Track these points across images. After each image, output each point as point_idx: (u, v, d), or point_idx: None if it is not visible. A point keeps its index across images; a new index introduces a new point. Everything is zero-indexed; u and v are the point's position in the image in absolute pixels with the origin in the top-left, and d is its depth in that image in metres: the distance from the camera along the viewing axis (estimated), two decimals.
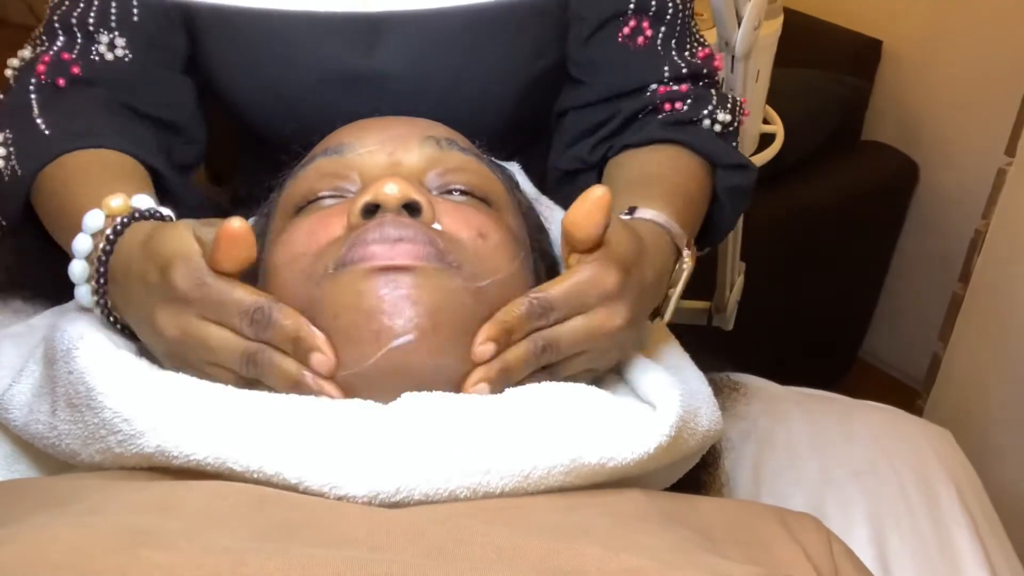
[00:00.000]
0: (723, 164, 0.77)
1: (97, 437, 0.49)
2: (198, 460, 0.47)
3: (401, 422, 0.49)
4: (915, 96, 2.01)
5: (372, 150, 0.62)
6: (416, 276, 0.52)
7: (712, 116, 0.78)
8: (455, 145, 0.64)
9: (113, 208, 0.59)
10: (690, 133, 0.77)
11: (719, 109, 0.78)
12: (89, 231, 0.58)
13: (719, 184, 0.77)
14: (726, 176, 0.77)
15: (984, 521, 0.83)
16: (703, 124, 0.78)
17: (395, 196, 0.55)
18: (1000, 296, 1.43)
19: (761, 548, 0.51)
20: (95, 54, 0.75)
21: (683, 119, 0.77)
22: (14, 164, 0.69)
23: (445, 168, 0.62)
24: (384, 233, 0.53)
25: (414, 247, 0.53)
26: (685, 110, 0.78)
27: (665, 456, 0.53)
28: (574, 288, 0.54)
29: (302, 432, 0.48)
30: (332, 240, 0.55)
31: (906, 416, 0.95)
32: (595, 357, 0.56)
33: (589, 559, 0.43)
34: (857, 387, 2.03)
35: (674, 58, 0.79)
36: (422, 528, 0.44)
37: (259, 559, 0.39)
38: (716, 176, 0.77)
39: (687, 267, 0.64)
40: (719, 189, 0.77)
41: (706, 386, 0.63)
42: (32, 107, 0.71)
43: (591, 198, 0.54)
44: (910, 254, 2.11)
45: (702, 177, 0.76)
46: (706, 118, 0.78)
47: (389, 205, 0.55)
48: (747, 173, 0.78)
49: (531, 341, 0.54)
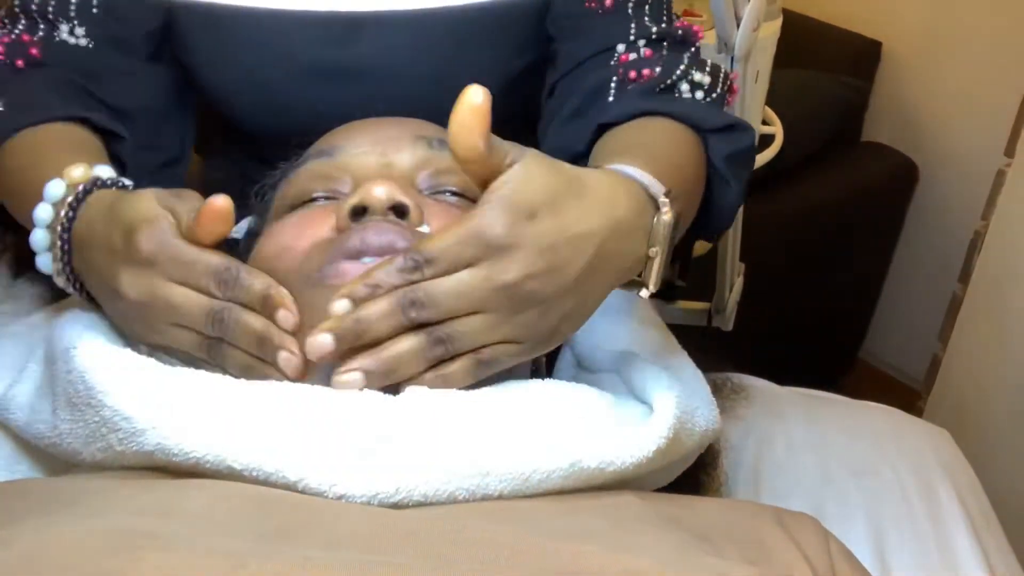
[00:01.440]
0: (710, 128, 0.69)
1: (98, 436, 0.49)
2: (197, 458, 0.47)
3: (402, 422, 0.49)
4: (915, 97, 2.01)
5: (364, 151, 0.62)
6: None
7: (687, 77, 0.72)
8: (447, 145, 0.64)
9: (74, 177, 0.58)
10: (668, 101, 0.71)
11: (694, 69, 0.72)
12: (50, 200, 0.58)
13: (714, 155, 0.70)
14: (719, 142, 0.70)
15: (983, 521, 0.83)
16: (681, 89, 0.72)
17: (382, 199, 0.55)
18: (1000, 296, 1.43)
19: (759, 548, 0.51)
20: (56, 38, 0.75)
21: (656, 86, 0.72)
22: None
23: (437, 168, 0.62)
24: (365, 241, 0.53)
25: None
26: (657, 74, 0.72)
27: (663, 458, 0.53)
28: (455, 238, 0.48)
29: (303, 431, 0.48)
30: (318, 241, 0.56)
31: (905, 416, 0.95)
32: (501, 321, 0.49)
33: (589, 561, 0.43)
34: (857, 387, 2.04)
35: (645, 21, 0.75)
36: (420, 530, 0.44)
37: (259, 561, 0.39)
38: (708, 146, 0.70)
39: (667, 218, 0.54)
40: (716, 160, 0.70)
41: (704, 385, 0.63)
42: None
43: (464, 104, 0.47)
44: (910, 255, 2.11)
45: (687, 146, 0.68)
46: (681, 80, 0.72)
47: (376, 208, 0.55)
48: (741, 134, 0.71)
49: (393, 294, 0.48)
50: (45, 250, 0.58)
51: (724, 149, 0.70)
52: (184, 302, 0.52)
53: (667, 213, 0.54)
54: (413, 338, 0.49)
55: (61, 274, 0.59)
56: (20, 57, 0.73)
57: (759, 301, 1.33)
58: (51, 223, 0.58)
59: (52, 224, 0.58)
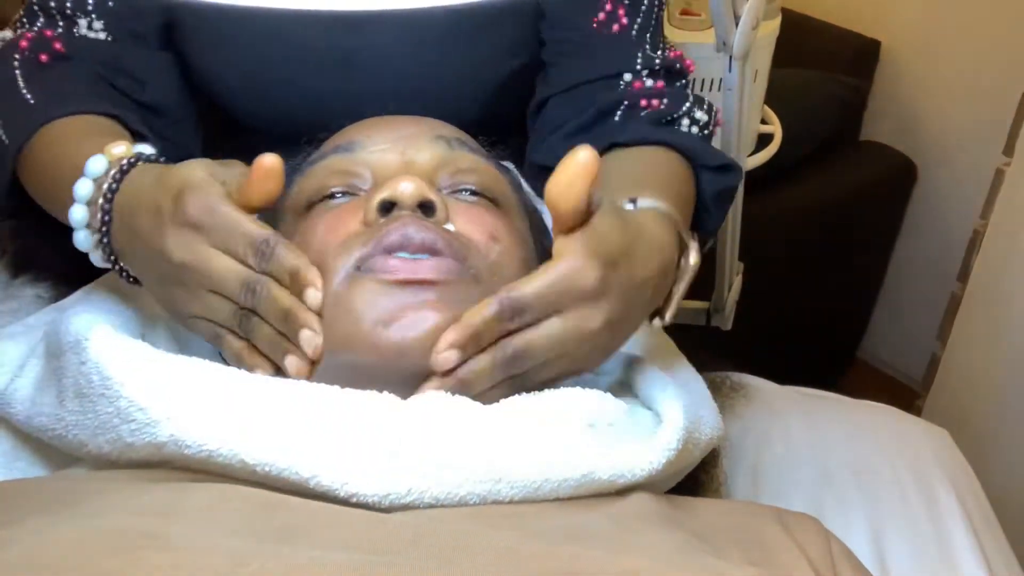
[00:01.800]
0: (709, 165, 0.74)
1: (109, 427, 0.49)
2: (210, 451, 0.47)
3: (417, 425, 0.49)
4: (913, 96, 2.01)
5: (384, 148, 0.63)
6: (439, 290, 0.53)
7: (690, 115, 0.77)
8: (464, 145, 0.64)
9: (115, 154, 0.59)
10: (674, 133, 0.75)
11: (696, 108, 0.77)
12: (91, 175, 0.58)
13: (706, 188, 0.75)
14: (713, 179, 0.75)
15: (982, 521, 0.83)
16: (682, 124, 0.76)
17: (411, 194, 0.56)
18: (999, 296, 1.43)
19: (760, 549, 0.51)
20: (76, 33, 0.75)
21: (663, 117, 0.76)
22: (0, 135, 0.69)
23: (456, 168, 0.62)
24: (407, 235, 0.53)
25: (435, 262, 0.53)
26: (663, 108, 0.76)
27: (671, 468, 0.54)
28: (549, 287, 0.50)
29: (317, 429, 0.48)
30: (350, 235, 0.56)
31: (904, 416, 0.95)
32: (571, 362, 0.53)
33: (589, 562, 0.43)
34: (856, 387, 2.04)
35: (647, 51, 0.78)
36: (423, 532, 0.44)
37: (260, 561, 0.39)
38: (701, 180, 0.75)
39: (693, 262, 0.59)
40: (706, 194, 0.75)
41: (706, 390, 0.63)
42: (16, 80, 0.71)
43: (574, 161, 0.50)
44: (908, 254, 2.11)
45: (689, 181, 0.74)
46: (684, 116, 0.76)
47: (405, 203, 0.56)
48: (733, 175, 0.76)
49: (499, 349, 0.51)
50: (83, 226, 0.58)
51: (716, 186, 0.75)
52: (223, 269, 0.53)
53: (693, 259, 0.59)
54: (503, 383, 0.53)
55: (98, 247, 0.59)
56: (44, 51, 0.73)
57: (758, 300, 1.33)
58: (91, 198, 0.58)
59: (92, 199, 0.58)
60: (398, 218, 0.55)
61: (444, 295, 0.53)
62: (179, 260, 0.53)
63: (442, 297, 0.52)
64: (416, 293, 0.52)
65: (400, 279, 0.53)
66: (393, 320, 0.52)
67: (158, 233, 0.54)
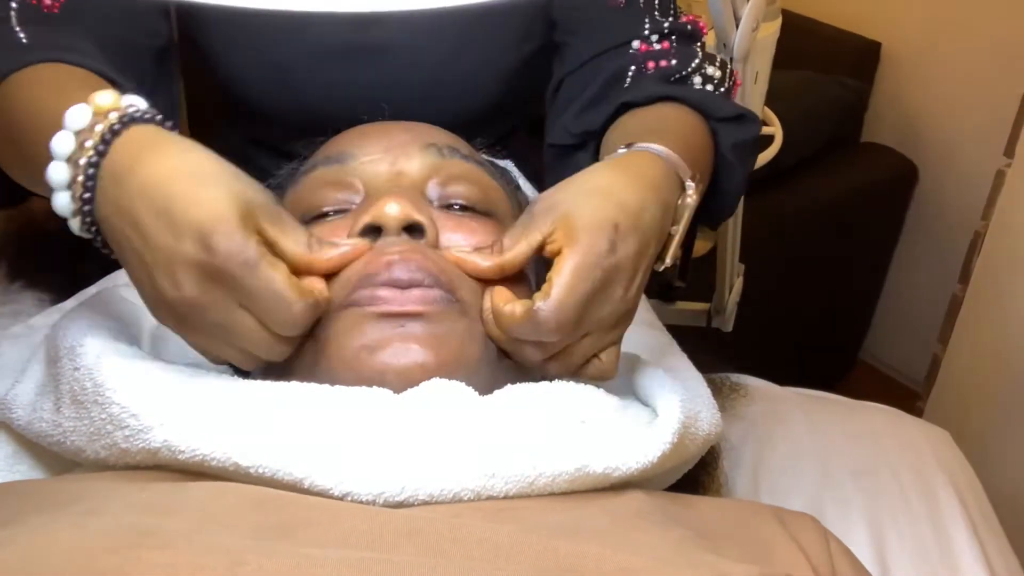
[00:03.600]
0: (720, 117, 0.74)
1: (103, 433, 0.49)
2: (204, 455, 0.47)
3: (409, 423, 0.49)
4: (914, 98, 2.01)
5: (374, 159, 0.62)
6: (425, 321, 0.53)
7: (701, 71, 0.76)
8: (457, 153, 0.64)
9: (100, 105, 0.51)
10: (684, 89, 0.75)
11: (707, 64, 0.76)
12: (72, 128, 0.51)
13: (722, 142, 0.74)
14: (728, 131, 0.74)
15: (983, 522, 0.83)
16: (694, 80, 0.76)
17: (396, 217, 0.55)
18: (1000, 297, 1.43)
19: (760, 547, 0.51)
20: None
21: (672, 74, 0.75)
22: None
23: (448, 176, 0.62)
24: (393, 276, 0.53)
25: (423, 293, 0.53)
26: (673, 65, 0.75)
27: (667, 462, 0.54)
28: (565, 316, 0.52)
29: (310, 429, 0.48)
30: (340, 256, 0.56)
31: (905, 417, 0.95)
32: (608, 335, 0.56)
33: (587, 558, 0.43)
34: (856, 388, 2.04)
35: (656, 16, 0.78)
36: (420, 528, 0.44)
37: (258, 558, 0.39)
38: (718, 134, 0.74)
39: (691, 201, 0.59)
40: (724, 148, 0.74)
41: (705, 388, 0.63)
42: (11, 19, 0.65)
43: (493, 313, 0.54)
44: (909, 256, 2.11)
45: (699, 131, 0.72)
46: (695, 73, 0.76)
47: (390, 227, 0.55)
48: (749, 125, 0.75)
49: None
50: (64, 187, 0.51)
51: (732, 137, 0.73)
52: (249, 332, 0.50)
53: (691, 196, 0.59)
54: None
55: (77, 215, 0.52)
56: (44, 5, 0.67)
57: (759, 302, 1.33)
58: (72, 155, 0.51)
59: (73, 156, 0.51)
60: (385, 252, 0.54)
61: (430, 327, 0.53)
62: (189, 297, 0.48)
63: (428, 330, 0.53)
64: (403, 323, 0.53)
65: (387, 311, 0.53)
66: (378, 348, 0.52)
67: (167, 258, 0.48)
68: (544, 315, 0.51)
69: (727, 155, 0.74)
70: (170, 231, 0.48)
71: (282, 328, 0.50)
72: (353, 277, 0.54)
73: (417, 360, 0.52)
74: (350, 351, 0.52)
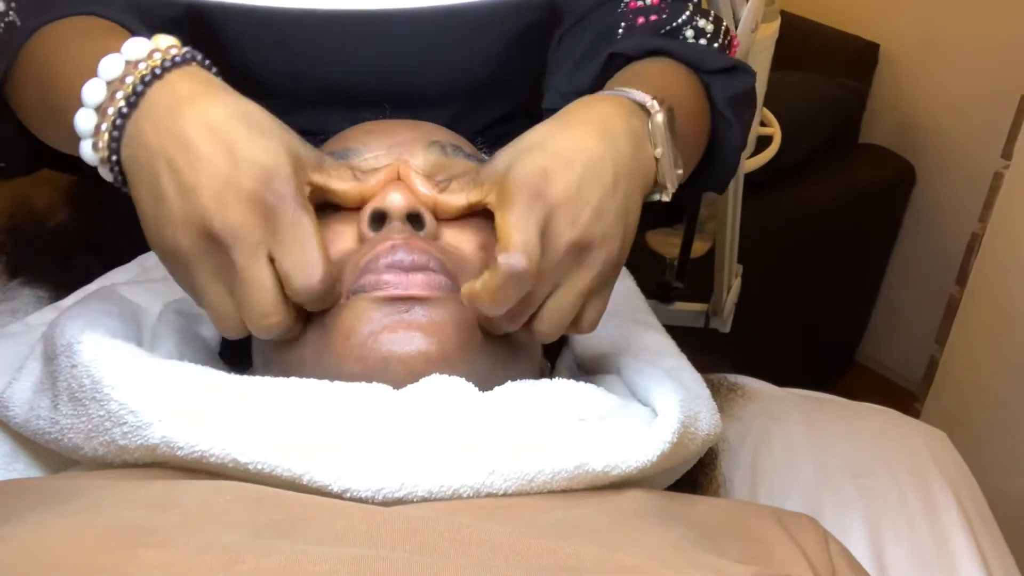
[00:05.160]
0: (711, 69, 0.72)
1: (101, 430, 0.49)
2: (202, 452, 0.47)
3: (408, 419, 0.49)
4: (912, 99, 2.01)
5: (378, 155, 0.63)
6: (428, 306, 0.53)
7: (692, 24, 0.74)
8: (460, 151, 0.64)
9: (132, 55, 0.51)
10: (674, 43, 0.73)
11: (698, 16, 0.74)
12: (105, 77, 0.51)
13: (716, 96, 0.72)
14: (721, 84, 0.72)
15: (980, 523, 0.83)
16: (685, 34, 0.74)
17: (400, 205, 0.56)
18: (997, 299, 1.43)
19: (759, 547, 0.51)
20: None
21: (661, 27, 0.74)
22: (12, 19, 0.61)
23: (450, 174, 0.62)
24: (396, 259, 0.54)
25: (426, 277, 0.54)
26: (663, 19, 0.74)
27: (666, 462, 0.54)
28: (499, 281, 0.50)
29: (309, 425, 0.48)
30: (343, 255, 0.56)
31: (903, 418, 0.95)
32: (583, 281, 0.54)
33: (586, 558, 0.43)
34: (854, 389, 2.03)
35: None
36: (418, 526, 0.44)
37: (256, 556, 0.39)
38: (712, 87, 0.72)
39: (660, 117, 0.57)
40: (718, 102, 0.72)
41: (704, 388, 0.63)
42: None
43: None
44: (907, 257, 2.11)
45: (692, 87, 0.70)
46: (685, 26, 0.74)
47: (395, 214, 0.56)
48: (742, 75, 0.73)
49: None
50: (90, 135, 0.51)
51: (726, 91, 0.72)
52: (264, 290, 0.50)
53: (658, 113, 0.57)
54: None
55: (106, 163, 0.51)
56: None
57: (757, 303, 1.33)
58: (102, 103, 0.50)
59: (103, 106, 0.50)
60: (388, 237, 0.55)
61: (433, 313, 0.53)
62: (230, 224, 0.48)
63: (431, 316, 0.53)
64: (407, 309, 0.53)
65: (391, 295, 0.53)
66: (382, 333, 0.52)
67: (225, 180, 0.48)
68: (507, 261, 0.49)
69: (723, 111, 0.72)
70: (229, 160, 0.48)
71: (297, 287, 0.49)
72: (359, 263, 0.54)
73: (421, 348, 0.52)
74: (357, 337, 0.52)
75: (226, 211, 0.48)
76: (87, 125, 0.51)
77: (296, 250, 0.49)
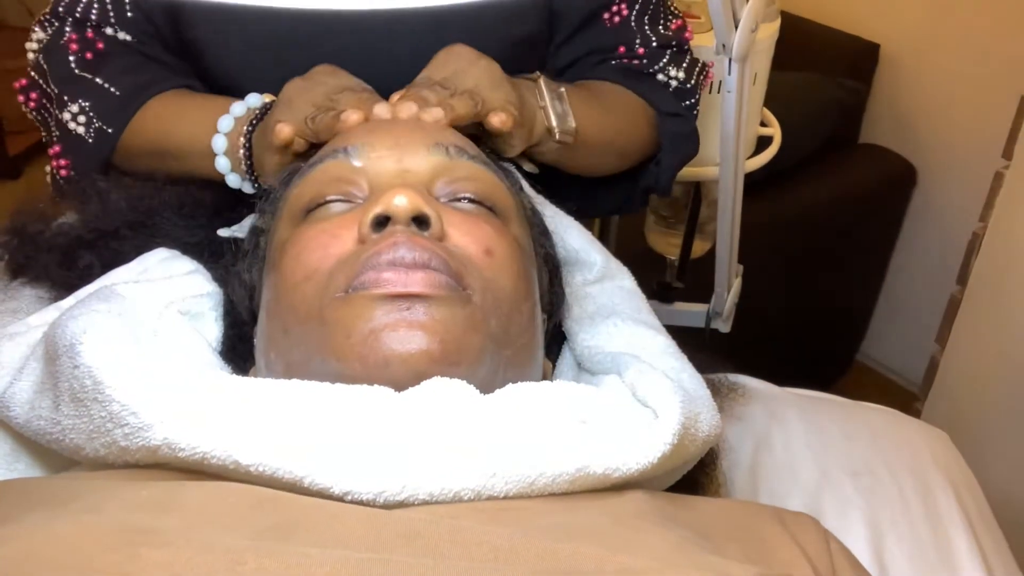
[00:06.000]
0: (661, 111, 0.86)
1: (103, 431, 0.49)
2: (204, 454, 0.47)
3: (409, 422, 0.49)
4: (912, 99, 2.01)
5: (381, 155, 0.62)
6: (430, 304, 0.53)
7: (664, 72, 0.86)
8: (464, 153, 0.64)
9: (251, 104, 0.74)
10: (636, 81, 0.85)
11: (671, 66, 0.86)
12: (234, 114, 0.73)
13: (662, 129, 0.86)
14: (668, 123, 0.86)
15: (981, 522, 0.83)
16: (658, 78, 0.86)
17: (405, 208, 0.55)
18: (998, 299, 1.43)
19: (760, 547, 0.51)
20: (107, 33, 0.79)
21: (636, 69, 0.85)
22: (98, 125, 0.77)
23: (454, 176, 0.62)
24: (398, 256, 0.54)
25: (428, 275, 0.53)
26: (640, 64, 0.85)
27: (667, 463, 0.54)
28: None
29: (310, 427, 0.48)
30: (345, 255, 0.56)
31: (904, 418, 0.95)
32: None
33: (587, 559, 0.43)
34: (855, 389, 2.04)
35: (646, 32, 0.86)
36: (419, 529, 0.44)
37: (257, 558, 0.39)
38: (660, 123, 0.86)
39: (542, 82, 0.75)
40: (662, 134, 0.87)
41: (704, 389, 0.63)
42: (85, 76, 0.77)
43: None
44: (908, 257, 2.11)
45: (634, 107, 0.84)
46: (658, 73, 0.85)
47: (399, 217, 0.56)
48: (684, 121, 0.87)
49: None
50: (223, 153, 0.73)
51: (670, 129, 0.87)
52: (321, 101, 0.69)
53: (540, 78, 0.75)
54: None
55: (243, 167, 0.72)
56: (90, 51, 0.78)
57: (757, 303, 1.33)
58: (231, 131, 0.72)
59: (232, 132, 0.72)
60: (391, 235, 0.55)
61: (435, 312, 0.53)
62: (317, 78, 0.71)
63: (433, 314, 0.53)
64: (408, 306, 0.53)
65: (392, 292, 0.53)
66: (383, 331, 0.52)
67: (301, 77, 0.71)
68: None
69: (664, 142, 0.87)
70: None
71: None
72: (362, 258, 0.54)
73: (422, 347, 0.52)
74: (357, 335, 0.52)
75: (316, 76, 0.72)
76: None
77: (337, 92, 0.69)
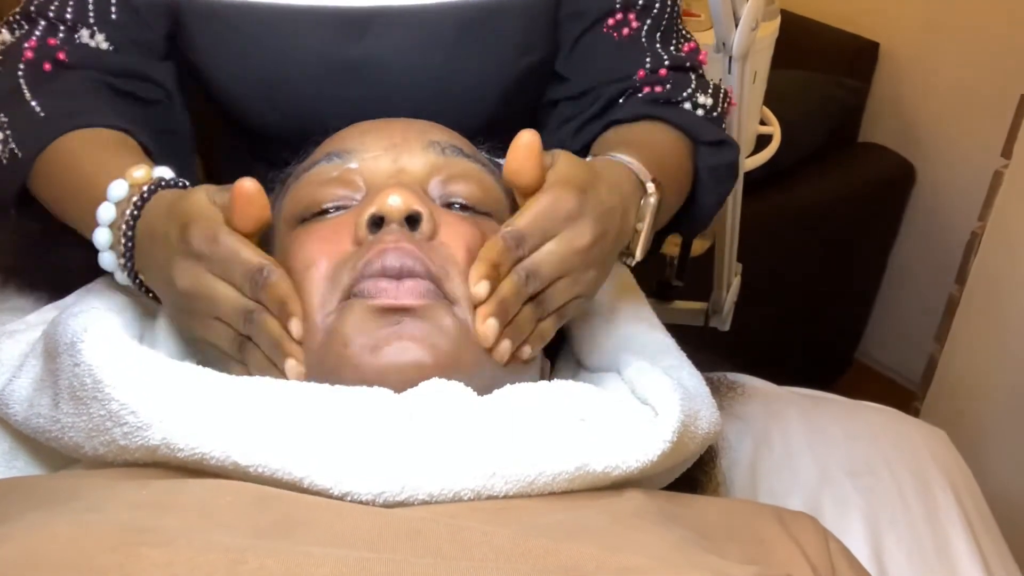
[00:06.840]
0: (702, 140, 0.79)
1: (102, 429, 0.49)
2: (203, 453, 0.47)
3: (409, 422, 0.49)
4: (912, 98, 2.01)
5: (376, 155, 0.62)
6: (415, 318, 0.54)
7: (692, 99, 0.80)
8: (459, 152, 0.64)
9: (136, 178, 0.62)
10: (671, 111, 0.79)
11: (699, 92, 0.80)
12: (113, 199, 0.62)
13: (700, 162, 0.79)
14: (707, 154, 0.79)
15: (980, 521, 0.83)
16: (684, 106, 0.80)
17: (399, 209, 0.56)
18: (996, 298, 1.43)
19: (759, 547, 0.51)
20: (77, 40, 0.75)
21: (663, 99, 0.79)
22: (12, 147, 0.70)
23: (449, 175, 0.62)
24: (387, 264, 0.54)
25: (415, 284, 0.54)
26: (667, 90, 0.79)
27: (667, 461, 0.54)
28: (538, 216, 0.56)
29: (310, 428, 0.48)
30: (340, 258, 0.56)
31: (903, 417, 0.95)
32: (576, 280, 0.58)
33: (587, 558, 0.43)
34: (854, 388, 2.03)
35: (657, 50, 0.81)
36: (420, 528, 0.44)
37: (257, 556, 0.39)
38: (697, 155, 0.79)
39: (653, 199, 0.64)
40: (700, 168, 0.79)
41: (704, 387, 0.63)
42: (23, 90, 0.72)
43: (520, 145, 0.56)
44: (907, 256, 2.11)
45: (680, 150, 0.77)
46: (686, 100, 0.80)
47: (393, 217, 0.56)
48: (727, 150, 0.80)
49: (515, 273, 0.56)
50: (107, 248, 0.62)
51: (709, 161, 0.79)
52: (223, 299, 0.55)
53: (652, 195, 0.64)
54: (528, 308, 0.57)
55: (124, 269, 0.62)
56: (47, 60, 0.73)
57: (756, 301, 1.33)
58: (114, 222, 0.61)
59: (115, 223, 0.61)
60: (381, 241, 0.55)
61: (421, 323, 0.54)
62: (183, 288, 0.55)
63: (422, 328, 0.54)
64: (398, 321, 0.54)
65: (383, 305, 0.54)
66: (377, 347, 0.53)
67: (167, 262, 0.56)
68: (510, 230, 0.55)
69: (703, 174, 0.79)
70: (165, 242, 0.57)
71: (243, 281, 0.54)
72: (358, 265, 0.55)
73: (415, 358, 0.53)
74: (354, 347, 0.53)
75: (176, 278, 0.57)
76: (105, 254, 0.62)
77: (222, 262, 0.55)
